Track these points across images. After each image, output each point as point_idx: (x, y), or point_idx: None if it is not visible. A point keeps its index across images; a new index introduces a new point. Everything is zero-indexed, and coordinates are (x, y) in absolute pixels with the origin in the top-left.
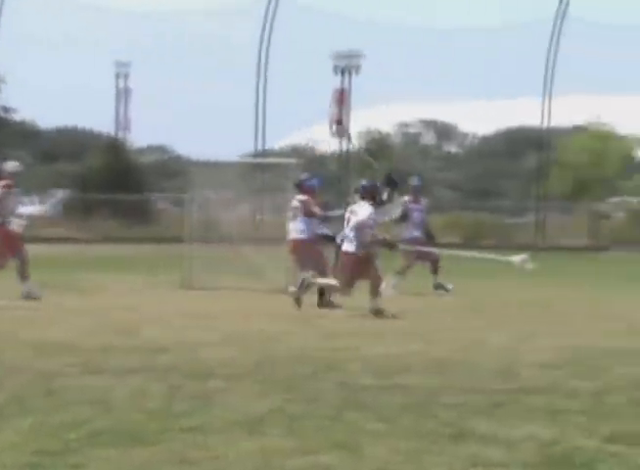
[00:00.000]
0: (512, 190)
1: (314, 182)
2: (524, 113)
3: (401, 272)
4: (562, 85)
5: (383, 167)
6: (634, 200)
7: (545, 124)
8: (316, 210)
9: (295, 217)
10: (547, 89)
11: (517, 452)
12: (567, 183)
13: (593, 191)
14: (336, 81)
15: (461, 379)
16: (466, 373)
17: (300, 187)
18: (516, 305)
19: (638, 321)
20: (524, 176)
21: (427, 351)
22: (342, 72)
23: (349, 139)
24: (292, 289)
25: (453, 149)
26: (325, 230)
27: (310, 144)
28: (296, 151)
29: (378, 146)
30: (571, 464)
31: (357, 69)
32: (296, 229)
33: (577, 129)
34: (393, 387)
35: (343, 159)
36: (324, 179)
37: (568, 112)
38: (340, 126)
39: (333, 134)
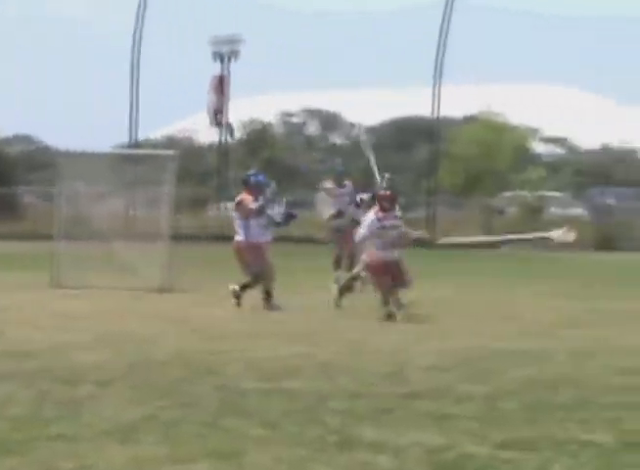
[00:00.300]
0: (401, 183)
1: (261, 178)
2: (413, 102)
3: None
4: (453, 74)
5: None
6: (528, 194)
7: (435, 115)
8: (252, 206)
9: (235, 218)
10: (437, 78)
11: (405, 460)
12: (458, 176)
13: (486, 185)
14: (215, 68)
15: (348, 383)
16: (353, 377)
17: (246, 183)
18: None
19: (529, 322)
20: (414, 169)
21: (313, 353)
22: (222, 59)
23: (230, 130)
24: (232, 287)
25: (339, 140)
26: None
27: (188, 134)
28: (172, 142)
29: (259, 136)
30: None
31: (237, 55)
32: (235, 231)
33: (469, 120)
34: (277, 391)
35: (223, 150)
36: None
37: (459, 101)
38: (219, 116)
39: (212, 124)
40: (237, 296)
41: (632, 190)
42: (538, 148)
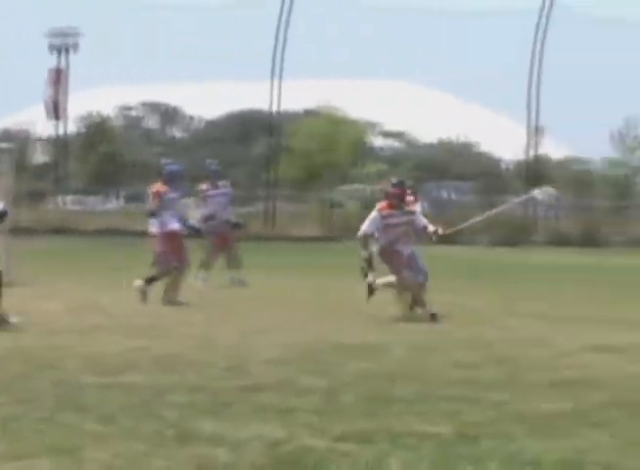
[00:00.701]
0: (241, 177)
1: (175, 167)
2: (253, 96)
3: (205, 265)
4: (293, 68)
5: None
6: (367, 187)
7: (275, 109)
8: (153, 204)
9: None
10: (276, 72)
11: (244, 453)
12: (298, 170)
13: (325, 178)
14: (53, 61)
15: (188, 377)
16: (194, 371)
17: (161, 173)
18: (246, 299)
19: (370, 315)
20: (254, 163)
21: (152, 347)
22: (59, 52)
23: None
24: (137, 283)
25: (178, 133)
26: (191, 222)
27: (25, 127)
28: (8, 135)
29: (98, 130)
30: (301, 465)
31: (76, 48)
32: (150, 223)
33: (309, 114)
34: (116, 385)
35: (61, 143)
36: None
37: (299, 96)
38: (56, 109)
39: (49, 117)
40: (144, 291)
41: (469, 184)
42: (377, 142)
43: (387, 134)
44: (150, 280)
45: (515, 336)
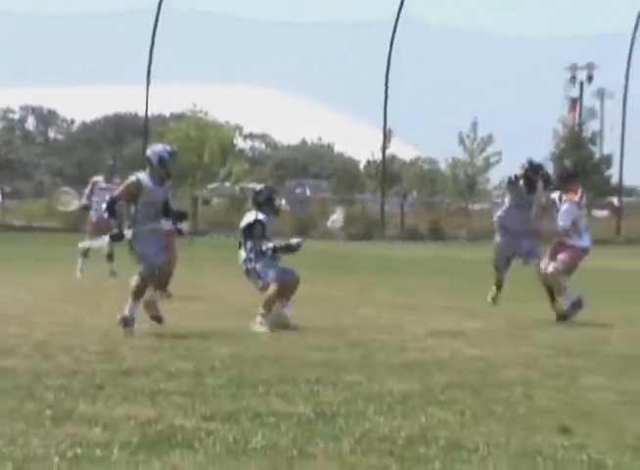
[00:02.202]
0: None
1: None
2: (126, 100)
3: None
4: (163, 74)
5: None
6: (233, 185)
7: (147, 112)
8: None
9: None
10: (149, 77)
11: (117, 432)
12: None
13: (194, 177)
14: None
15: (64, 362)
16: (69, 355)
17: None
18: (118, 288)
19: (231, 303)
20: (126, 164)
21: (30, 334)
22: None
23: None
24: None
25: (55, 135)
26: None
27: None
28: None
29: None
30: (170, 442)
31: None
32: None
33: (177, 117)
34: None
35: None
36: None
37: (168, 100)
38: None
39: None
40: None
41: (326, 182)
42: (242, 143)
43: (250, 136)
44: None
45: (368, 322)
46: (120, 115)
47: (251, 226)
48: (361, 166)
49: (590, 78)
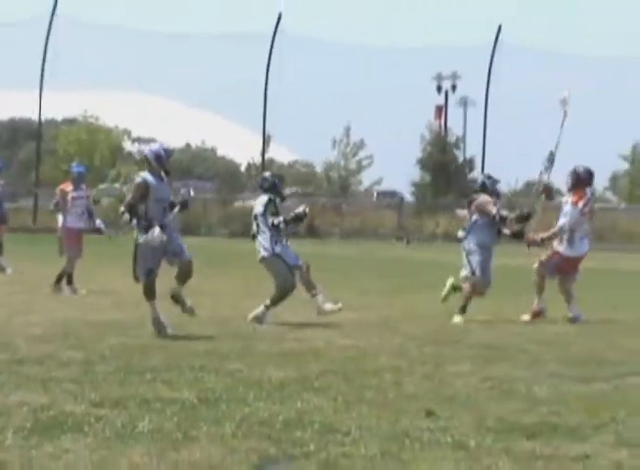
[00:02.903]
0: (9, 178)
1: (81, 169)
2: (21, 105)
3: None
4: (57, 80)
5: None
6: (120, 186)
7: (40, 117)
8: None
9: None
10: (42, 83)
11: (11, 418)
12: (60, 171)
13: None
14: None
15: None
16: None
17: (68, 173)
18: (10, 283)
19: (124, 294)
20: (21, 164)
21: None
22: None
23: None
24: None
25: None
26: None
27: None
28: None
29: None
30: (61, 427)
31: None
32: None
33: (70, 122)
34: None
35: None
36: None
37: (62, 105)
38: None
39: None
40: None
41: (209, 183)
42: (130, 147)
43: (138, 140)
44: (58, 279)
45: (247, 313)
46: (15, 119)
47: (266, 206)
48: (242, 169)
49: (454, 87)
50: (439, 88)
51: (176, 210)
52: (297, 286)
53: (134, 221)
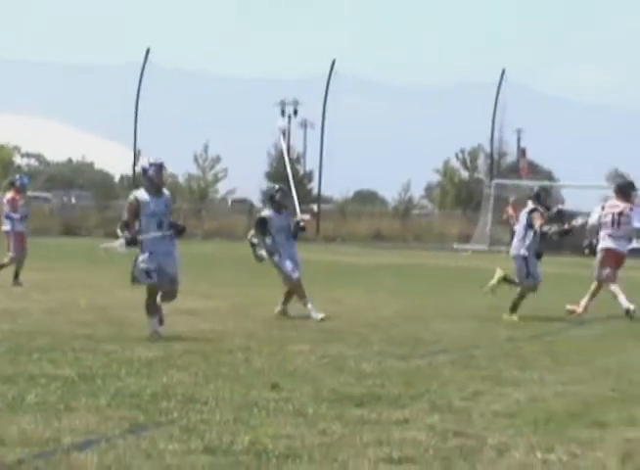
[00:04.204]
0: None
1: (25, 180)
2: None
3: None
4: None
5: None
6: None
7: None
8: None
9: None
10: None
11: None
12: None
13: None
14: None
15: None
16: None
17: (13, 184)
18: None
19: (12, 289)
20: None
21: None
22: None
23: None
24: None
25: None
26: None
27: None
28: None
29: None
30: None
31: None
32: (2, 222)
33: None
34: None
35: None
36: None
37: None
38: None
39: None
40: None
41: (88, 192)
42: (19, 161)
43: (27, 155)
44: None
45: (123, 303)
46: None
47: (256, 224)
48: (116, 180)
49: (296, 112)
50: (283, 112)
51: (169, 232)
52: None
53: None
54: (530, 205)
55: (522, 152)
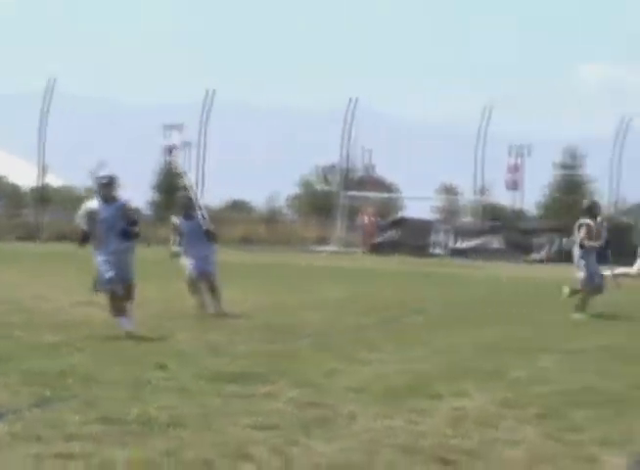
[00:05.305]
0: None
1: None
2: None
3: None
4: None
5: None
6: None
7: None
8: None
9: None
10: None
11: None
12: None
13: None
14: None
15: None
16: None
17: None
18: None
19: None
20: None
21: None
22: None
23: None
24: None
25: None
26: None
27: None
28: None
29: None
30: None
31: None
32: None
33: None
34: None
35: None
36: None
37: None
38: None
39: None
40: None
41: (0, 202)
42: None
43: None
44: None
45: (32, 294)
46: None
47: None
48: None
49: (180, 133)
50: (170, 133)
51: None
52: None
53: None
54: (580, 220)
55: (370, 168)
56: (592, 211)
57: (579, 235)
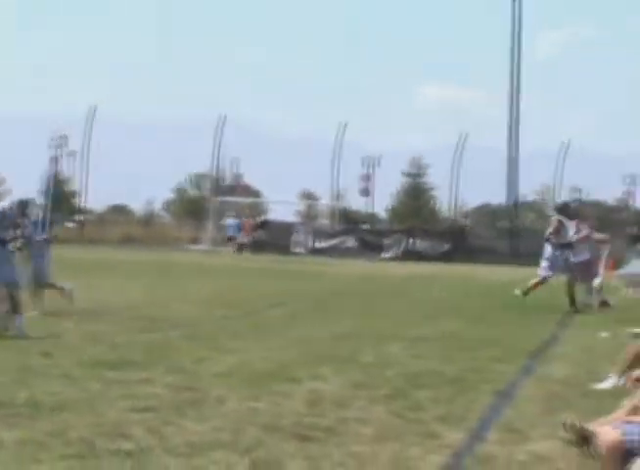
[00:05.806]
0: None
1: None
2: None
3: None
4: None
5: None
6: None
7: None
8: None
9: None
10: None
11: None
12: None
13: None
14: None
15: None
16: None
17: None
18: None
19: None
20: None
21: None
22: None
23: None
24: None
25: None
26: None
27: None
28: None
29: None
30: None
31: None
32: None
33: None
34: None
35: None
36: None
37: None
38: None
39: None
40: None
41: None
42: None
43: None
44: None
45: None
46: None
47: None
48: None
49: (65, 143)
50: (55, 144)
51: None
52: None
53: None
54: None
55: (237, 176)
56: (565, 210)
57: (548, 229)
